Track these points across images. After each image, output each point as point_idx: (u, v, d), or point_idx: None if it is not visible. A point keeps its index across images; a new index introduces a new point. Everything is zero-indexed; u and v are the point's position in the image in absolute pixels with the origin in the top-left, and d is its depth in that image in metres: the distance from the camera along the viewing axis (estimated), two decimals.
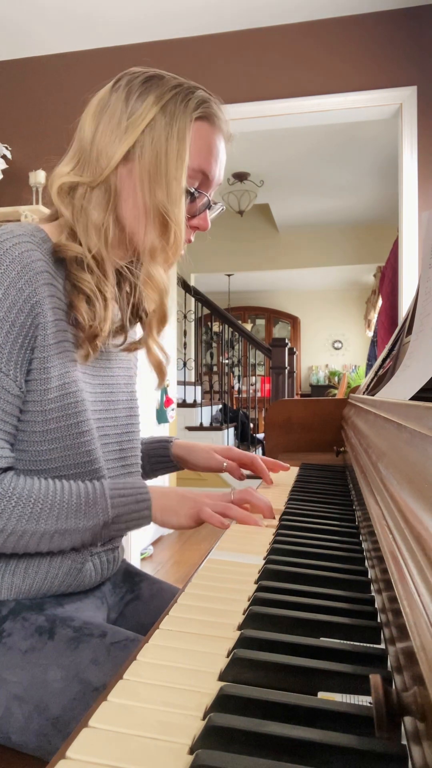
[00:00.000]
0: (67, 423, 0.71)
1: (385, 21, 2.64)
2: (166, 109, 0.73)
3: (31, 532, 0.66)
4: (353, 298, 9.03)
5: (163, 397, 3.40)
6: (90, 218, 0.74)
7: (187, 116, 0.73)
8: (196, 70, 2.82)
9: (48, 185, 0.76)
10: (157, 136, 0.72)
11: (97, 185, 0.74)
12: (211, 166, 0.77)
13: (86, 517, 0.70)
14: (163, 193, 0.72)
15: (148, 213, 0.74)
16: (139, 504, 0.74)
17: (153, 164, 0.72)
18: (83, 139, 0.76)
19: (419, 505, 0.33)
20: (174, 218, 0.73)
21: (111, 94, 0.75)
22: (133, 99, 0.74)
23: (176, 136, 0.73)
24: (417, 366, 0.65)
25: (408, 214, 2.62)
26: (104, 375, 0.82)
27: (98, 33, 2.84)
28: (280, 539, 0.66)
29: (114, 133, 0.73)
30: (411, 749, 0.28)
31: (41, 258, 0.69)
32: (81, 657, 0.65)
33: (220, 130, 0.78)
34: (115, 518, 0.72)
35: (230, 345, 6.75)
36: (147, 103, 0.73)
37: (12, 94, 3.09)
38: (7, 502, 0.65)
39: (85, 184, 0.74)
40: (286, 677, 0.36)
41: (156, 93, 0.74)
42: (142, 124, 0.72)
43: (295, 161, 4.65)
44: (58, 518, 0.68)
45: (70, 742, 0.31)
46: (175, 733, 0.32)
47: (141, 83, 0.75)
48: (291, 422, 1.65)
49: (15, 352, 0.67)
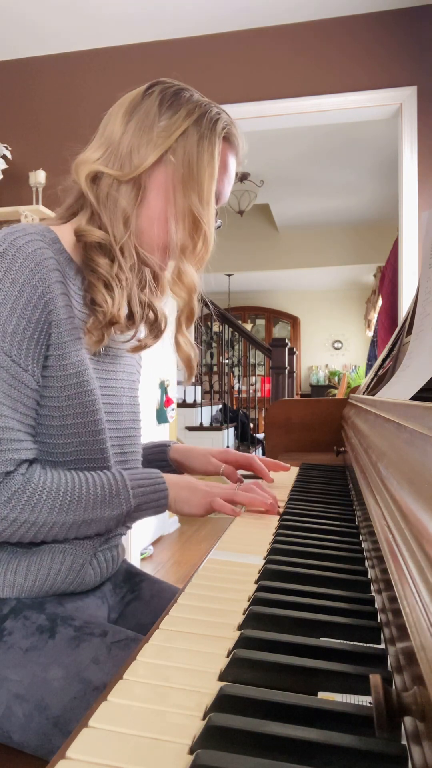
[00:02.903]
0: (84, 420, 0.74)
1: (386, 21, 2.64)
2: (199, 123, 0.79)
3: (60, 523, 0.70)
4: (353, 298, 9.03)
5: (163, 397, 3.40)
6: (119, 206, 0.77)
7: (216, 135, 0.79)
8: (197, 70, 2.82)
9: (72, 168, 0.80)
10: (190, 145, 0.78)
11: (126, 181, 0.77)
12: (223, 184, 0.83)
13: (110, 507, 0.73)
14: (196, 196, 0.77)
15: (179, 213, 0.78)
16: (158, 494, 0.78)
17: (187, 170, 0.77)
18: (112, 134, 0.79)
19: (419, 505, 0.33)
20: (206, 220, 0.78)
21: (144, 97, 0.80)
22: (165, 107, 0.79)
23: (207, 149, 0.78)
24: (417, 366, 0.65)
25: (408, 214, 2.62)
26: (107, 378, 0.83)
27: (98, 33, 2.84)
28: (280, 539, 0.66)
29: (147, 135, 0.77)
30: (411, 749, 0.28)
31: (52, 256, 0.71)
32: (82, 656, 0.65)
33: (237, 153, 0.84)
34: (136, 507, 0.76)
35: (230, 345, 6.76)
36: (180, 113, 0.78)
37: (12, 94, 3.09)
38: (39, 496, 0.68)
39: (113, 177, 0.77)
40: (286, 677, 0.36)
41: (188, 107, 0.79)
42: (177, 132, 0.78)
43: (295, 161, 4.65)
44: (85, 509, 0.71)
45: (70, 742, 0.31)
46: (175, 733, 0.32)
47: (173, 94, 0.80)
48: (291, 422, 1.65)
49: (32, 348, 0.68)
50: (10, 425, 0.67)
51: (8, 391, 0.67)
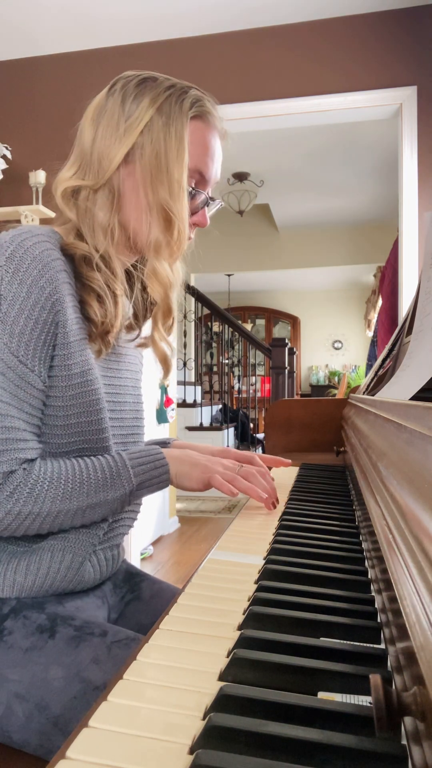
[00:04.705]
0: (87, 419, 0.74)
1: (386, 21, 2.63)
2: (162, 109, 0.75)
3: (65, 511, 0.70)
4: (353, 298, 9.03)
5: (163, 397, 3.40)
6: (96, 219, 0.76)
7: (183, 116, 0.75)
8: (197, 71, 2.82)
9: (52, 190, 0.79)
10: (155, 137, 0.74)
11: (100, 187, 0.76)
12: (207, 164, 0.79)
13: (113, 489, 0.74)
14: (166, 190, 0.75)
15: (151, 210, 0.76)
16: (158, 470, 0.78)
17: (154, 164, 0.75)
18: (83, 144, 0.78)
19: (419, 505, 0.33)
20: (177, 214, 0.75)
21: (107, 98, 0.78)
22: (129, 101, 0.76)
23: (174, 135, 0.75)
24: (417, 366, 0.65)
25: (408, 214, 2.62)
26: (112, 376, 0.83)
27: (98, 33, 2.84)
28: (280, 539, 0.66)
29: (113, 136, 0.75)
30: (411, 749, 0.28)
31: (59, 257, 0.72)
32: (82, 656, 0.65)
33: (215, 127, 0.79)
34: (138, 485, 0.76)
35: (230, 345, 6.75)
36: (143, 105, 0.75)
37: (12, 94, 3.09)
38: (41, 486, 0.68)
39: (88, 187, 0.76)
40: (286, 677, 0.36)
41: (151, 95, 0.76)
42: (140, 125, 0.75)
43: (295, 161, 4.65)
44: (87, 494, 0.71)
45: (70, 742, 0.31)
46: (175, 733, 0.32)
47: (135, 86, 0.77)
48: (291, 422, 1.65)
49: (39, 348, 0.69)
50: (17, 425, 0.68)
51: (15, 391, 0.68)
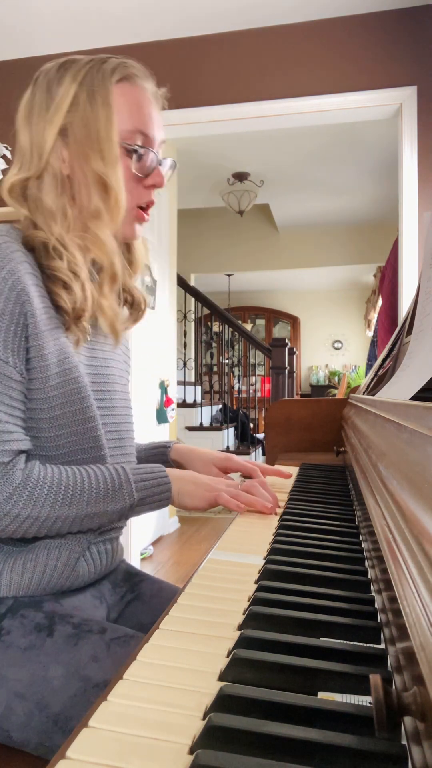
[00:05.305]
0: (71, 409, 0.74)
1: (385, 21, 2.63)
2: (84, 82, 0.76)
3: (64, 517, 0.70)
4: (353, 298, 9.03)
5: (163, 397, 3.40)
6: (45, 206, 0.76)
7: (106, 82, 0.76)
8: (196, 71, 2.82)
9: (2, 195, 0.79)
10: (82, 111, 0.75)
11: (42, 173, 0.77)
12: (145, 123, 0.79)
13: (113, 501, 0.74)
14: (98, 159, 0.75)
15: (89, 182, 0.76)
16: (161, 487, 0.78)
17: (86, 136, 0.75)
18: (21, 143, 0.79)
19: (419, 505, 0.33)
20: (113, 180, 0.76)
21: (33, 93, 0.79)
22: (54, 87, 0.77)
23: (100, 103, 0.75)
24: (417, 366, 0.65)
25: (408, 214, 2.62)
26: (98, 365, 0.83)
27: (97, 33, 2.84)
28: (280, 539, 0.66)
29: (44, 121, 0.77)
30: (411, 749, 0.28)
31: (20, 249, 0.72)
32: (81, 653, 0.65)
33: (143, 87, 0.79)
34: (139, 501, 0.76)
35: (230, 345, 6.75)
36: (65, 84, 0.76)
37: (12, 94, 3.08)
38: (40, 490, 0.68)
39: (32, 177, 0.77)
40: (286, 677, 0.36)
41: (71, 73, 0.76)
42: (65, 103, 0.75)
43: (295, 161, 4.65)
44: (87, 503, 0.71)
45: (70, 742, 0.31)
46: (175, 733, 0.32)
47: (56, 71, 0.78)
48: (291, 422, 1.65)
49: (9, 339, 0.68)
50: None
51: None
